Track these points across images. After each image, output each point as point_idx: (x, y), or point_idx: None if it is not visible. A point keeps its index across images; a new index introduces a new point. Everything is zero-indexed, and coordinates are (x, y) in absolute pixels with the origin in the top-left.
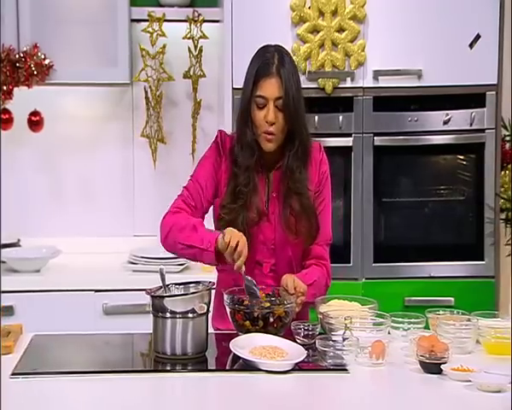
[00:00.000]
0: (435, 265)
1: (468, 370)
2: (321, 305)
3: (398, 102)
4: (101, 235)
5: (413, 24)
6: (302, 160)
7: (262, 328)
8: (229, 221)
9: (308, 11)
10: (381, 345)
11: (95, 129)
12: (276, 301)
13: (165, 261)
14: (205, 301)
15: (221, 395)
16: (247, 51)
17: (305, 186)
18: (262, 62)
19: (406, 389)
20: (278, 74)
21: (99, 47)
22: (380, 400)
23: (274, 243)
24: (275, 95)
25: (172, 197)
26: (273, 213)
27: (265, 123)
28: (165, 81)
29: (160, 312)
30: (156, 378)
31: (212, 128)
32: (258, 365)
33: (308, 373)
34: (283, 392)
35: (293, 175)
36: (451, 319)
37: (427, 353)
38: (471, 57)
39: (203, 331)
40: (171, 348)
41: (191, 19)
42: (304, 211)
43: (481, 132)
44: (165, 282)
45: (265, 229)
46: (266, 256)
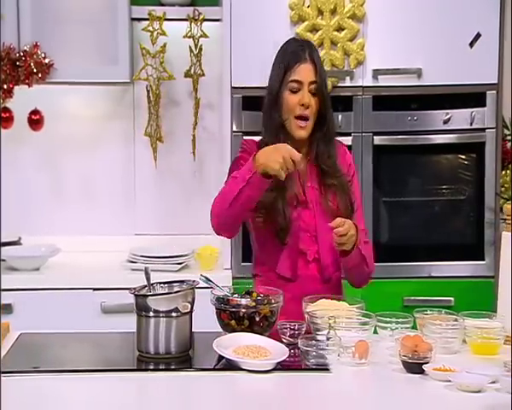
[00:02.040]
0: (435, 264)
1: (450, 370)
2: (308, 304)
3: (398, 102)
4: (102, 233)
5: (412, 23)
6: (331, 144)
7: (248, 327)
8: (268, 205)
9: (307, 10)
10: (365, 345)
11: (96, 128)
12: (262, 301)
13: (164, 260)
14: (188, 300)
15: (203, 395)
16: (246, 50)
17: (338, 166)
18: (294, 49)
19: (387, 388)
20: (311, 60)
21: (99, 46)
22: (360, 399)
23: (315, 230)
24: (309, 79)
25: (173, 196)
26: (311, 201)
27: (300, 107)
28: (165, 80)
29: (143, 311)
30: (139, 378)
31: (213, 127)
32: (241, 364)
33: (290, 373)
34: (265, 391)
35: (325, 157)
36: (438, 319)
37: (410, 353)
38: (471, 56)
39: (187, 330)
40: (154, 347)
41: (192, 18)
42: (342, 189)
43: (482, 132)
44: (151, 281)
45: (305, 216)
46: (309, 244)
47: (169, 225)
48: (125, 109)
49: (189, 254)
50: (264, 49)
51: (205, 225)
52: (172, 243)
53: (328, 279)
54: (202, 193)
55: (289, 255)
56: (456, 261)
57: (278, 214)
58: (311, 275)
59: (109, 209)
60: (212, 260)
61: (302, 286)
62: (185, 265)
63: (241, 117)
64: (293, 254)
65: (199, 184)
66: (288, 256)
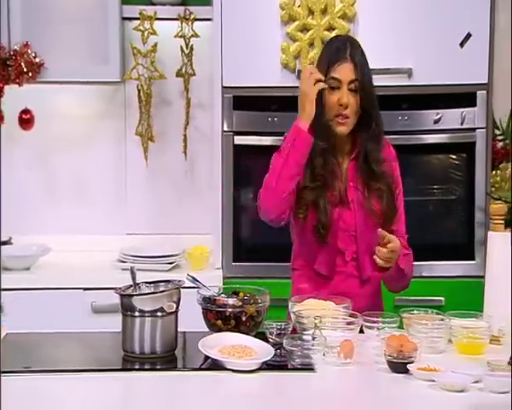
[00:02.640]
0: (426, 264)
1: (434, 369)
2: (295, 304)
3: (389, 101)
4: (94, 233)
5: (403, 23)
6: (378, 143)
7: (234, 327)
8: (310, 202)
9: (298, 10)
10: (350, 345)
11: (87, 127)
12: (249, 301)
13: (155, 260)
14: (174, 299)
15: (188, 394)
16: (237, 50)
17: (386, 169)
18: (335, 49)
19: (371, 388)
20: (351, 59)
21: (90, 45)
22: (344, 399)
23: (355, 230)
24: (349, 78)
25: (165, 195)
26: (352, 201)
27: (339, 106)
28: (156, 80)
29: (128, 310)
30: (124, 378)
31: (205, 126)
32: (226, 364)
33: (275, 372)
34: (250, 391)
35: (373, 157)
36: (425, 318)
37: (395, 352)
38: (462, 56)
39: (172, 330)
40: (139, 346)
41: (183, 17)
42: (387, 193)
43: (472, 132)
44: (136, 280)
45: (346, 216)
46: (348, 244)
47: (160, 225)
48: (117, 109)
49: (180, 253)
50: (254, 48)
51: (196, 225)
52: (164, 243)
53: (366, 279)
54: (194, 193)
55: (327, 253)
56: (447, 261)
57: (320, 213)
58: (349, 273)
59: (101, 209)
60: (203, 259)
61: (341, 284)
62: (176, 264)
63: (232, 117)
64: (331, 253)
65: (190, 184)
66: (327, 254)
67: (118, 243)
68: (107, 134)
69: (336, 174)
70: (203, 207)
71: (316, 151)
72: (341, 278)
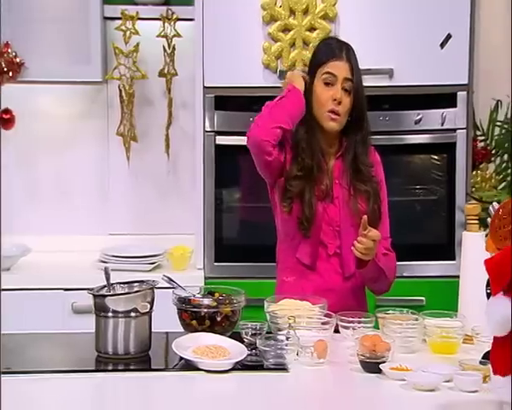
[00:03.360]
0: (407, 264)
1: (406, 369)
2: (270, 304)
3: (370, 102)
4: (76, 233)
5: (384, 23)
6: (367, 146)
7: (209, 327)
8: (295, 194)
9: (279, 10)
10: (323, 344)
11: (69, 127)
12: (224, 301)
13: (136, 260)
14: (148, 300)
15: (161, 395)
16: (219, 50)
17: (372, 170)
18: (331, 47)
19: (343, 388)
20: (348, 58)
21: (71, 45)
22: (316, 399)
23: (339, 226)
24: (344, 75)
25: (147, 196)
26: (337, 197)
27: (332, 101)
28: (138, 79)
29: (102, 311)
30: (98, 378)
31: (187, 126)
32: (198, 364)
33: (248, 372)
34: (222, 391)
35: (362, 159)
36: (399, 318)
37: (368, 352)
38: (442, 57)
39: (146, 330)
40: (113, 347)
41: (165, 17)
42: (373, 196)
43: (452, 132)
44: (110, 281)
45: (330, 211)
46: (331, 238)
47: (143, 225)
48: (99, 109)
49: (161, 254)
50: (236, 48)
51: (179, 225)
52: (146, 243)
53: (350, 276)
54: (176, 193)
55: (310, 244)
56: (428, 261)
57: (305, 205)
58: (332, 269)
59: (83, 209)
60: (184, 260)
61: (324, 280)
62: (158, 265)
63: (214, 117)
64: (314, 244)
65: (173, 184)
66: (309, 244)
67: (100, 243)
68: (90, 134)
69: (322, 169)
70: (186, 207)
71: (303, 145)
72: (324, 272)
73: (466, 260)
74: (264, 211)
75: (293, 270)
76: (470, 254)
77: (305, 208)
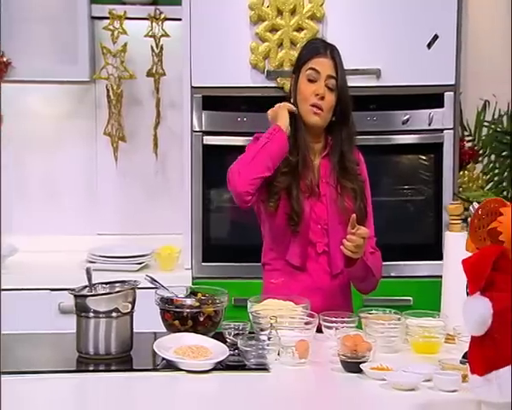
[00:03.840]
0: (395, 264)
1: (386, 369)
2: (253, 304)
3: (357, 102)
4: (64, 233)
5: (371, 24)
6: (352, 144)
7: (191, 327)
8: (282, 190)
9: (266, 10)
10: (305, 344)
11: (57, 127)
12: (206, 301)
13: (124, 260)
14: (129, 300)
15: (142, 395)
16: (206, 50)
17: (358, 169)
18: (316, 45)
19: (324, 388)
20: (332, 57)
21: (59, 44)
22: (296, 398)
23: (327, 224)
24: (327, 72)
25: (136, 196)
26: (324, 195)
27: (315, 96)
28: (126, 79)
29: (83, 311)
30: (79, 379)
31: (176, 126)
32: (179, 364)
33: (229, 373)
34: (203, 391)
35: (349, 157)
36: (382, 318)
37: (349, 352)
38: (429, 57)
39: (127, 331)
40: (94, 347)
41: (153, 17)
42: (359, 194)
43: (440, 132)
44: (92, 281)
45: (317, 209)
46: (319, 236)
47: (131, 225)
48: (87, 108)
49: (149, 254)
50: (224, 48)
51: (167, 225)
52: (135, 243)
53: (337, 274)
54: (164, 193)
55: (299, 244)
56: (416, 261)
57: (293, 200)
58: (320, 268)
59: (71, 209)
60: (172, 260)
61: (312, 279)
62: (145, 265)
63: (202, 117)
64: (303, 243)
65: (161, 184)
66: (298, 245)
67: (88, 243)
68: (78, 134)
69: (308, 165)
70: (174, 207)
71: (289, 142)
72: (313, 272)
73: (448, 260)
74: (252, 211)
75: (282, 272)
76: (452, 254)
77: (293, 203)
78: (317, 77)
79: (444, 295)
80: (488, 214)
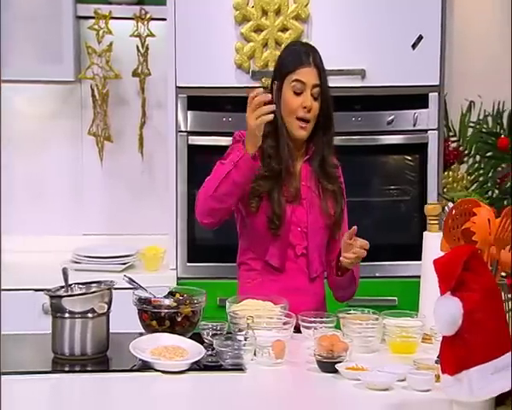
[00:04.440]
0: (379, 264)
1: (362, 369)
2: (232, 305)
3: (342, 102)
4: (50, 233)
5: (356, 24)
6: (332, 148)
7: (169, 328)
8: (264, 193)
9: (251, 10)
10: (281, 344)
11: (42, 127)
12: (184, 301)
13: (108, 260)
14: (105, 300)
15: (117, 396)
16: (191, 50)
17: (337, 171)
18: (298, 53)
19: (299, 388)
20: (315, 64)
21: (43, 44)
22: (271, 398)
23: (306, 227)
24: (313, 82)
25: (122, 196)
26: (305, 199)
27: (302, 109)
28: (111, 79)
29: (58, 312)
30: (54, 379)
31: (161, 126)
32: (155, 365)
33: (205, 373)
34: (178, 392)
35: (329, 161)
36: (360, 318)
37: (325, 352)
38: (414, 58)
39: (103, 331)
40: (69, 348)
41: (138, 17)
42: (339, 196)
43: (424, 133)
44: (68, 281)
45: (298, 212)
46: (299, 239)
47: (117, 225)
48: (73, 108)
49: (134, 254)
50: (209, 48)
51: (153, 225)
52: (121, 243)
53: (315, 277)
54: (150, 193)
55: (279, 246)
56: (400, 261)
57: (274, 203)
58: (299, 269)
59: (57, 209)
60: (157, 260)
61: (290, 279)
62: (130, 265)
63: (187, 117)
64: (283, 245)
65: (147, 184)
66: (278, 246)
67: (74, 243)
68: (63, 134)
69: (290, 172)
70: (160, 207)
71: (271, 152)
72: (291, 273)
73: (426, 260)
74: None
75: (259, 273)
76: (430, 254)
77: (274, 207)
78: (303, 88)
79: (422, 295)
80: (462, 215)
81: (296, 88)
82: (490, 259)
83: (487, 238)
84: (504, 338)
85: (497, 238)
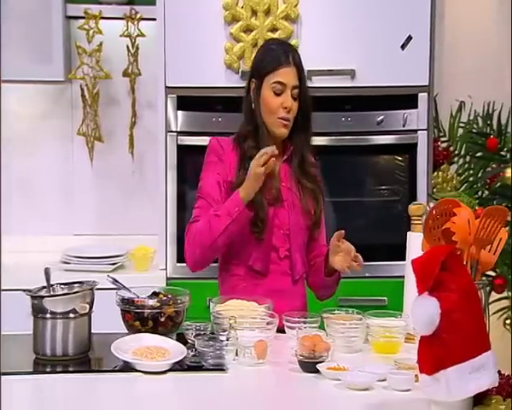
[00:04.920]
0: (370, 265)
1: (343, 369)
2: (216, 305)
3: (332, 102)
4: (41, 234)
5: (346, 24)
6: (310, 147)
7: (152, 328)
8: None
9: (241, 10)
10: (263, 345)
11: (32, 127)
12: (167, 301)
13: (98, 261)
14: (87, 300)
15: (98, 396)
16: (181, 50)
17: (316, 170)
18: (277, 53)
19: (280, 388)
20: (295, 64)
21: (33, 44)
22: (251, 399)
23: (288, 229)
24: (293, 82)
25: (112, 196)
26: (286, 200)
27: (282, 109)
28: (101, 79)
29: (39, 312)
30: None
31: (152, 127)
32: (136, 365)
33: (186, 373)
34: (159, 392)
35: (308, 160)
36: (343, 318)
37: (307, 352)
38: (403, 58)
39: (85, 332)
40: (51, 349)
41: (128, 16)
42: (318, 194)
43: (414, 133)
44: (50, 282)
45: (280, 214)
46: (281, 241)
47: (108, 226)
48: (63, 108)
49: (124, 254)
50: (198, 48)
51: (144, 225)
52: (110, 244)
53: (297, 279)
54: (141, 193)
55: (263, 250)
56: (390, 261)
57: (258, 207)
58: (282, 271)
59: (47, 209)
60: (147, 260)
61: (274, 282)
62: (120, 265)
63: (177, 117)
64: (266, 249)
65: (137, 184)
66: (262, 250)
67: (65, 243)
68: (53, 134)
69: (271, 173)
70: (150, 207)
71: (252, 153)
72: (275, 275)
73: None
74: None
75: (242, 278)
76: (414, 254)
77: (258, 211)
78: (283, 89)
79: (406, 294)
80: (442, 215)
81: (276, 89)
82: (470, 259)
83: (467, 238)
84: (481, 338)
85: (476, 238)
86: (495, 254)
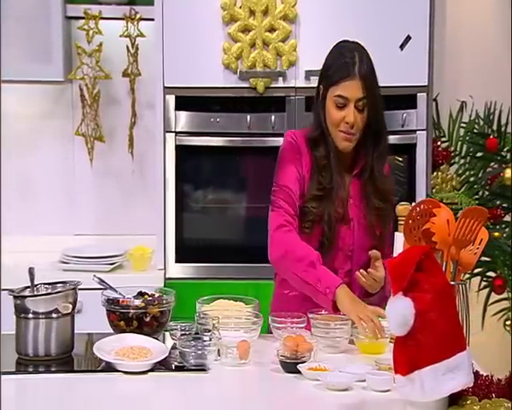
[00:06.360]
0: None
1: (323, 369)
2: (203, 305)
3: None
4: (42, 234)
5: (344, 24)
6: (384, 161)
7: (137, 328)
8: (316, 216)
9: (239, 10)
10: (245, 345)
11: (32, 127)
12: (152, 302)
13: (96, 260)
14: (70, 300)
15: (80, 396)
16: (179, 50)
17: (392, 189)
18: (343, 62)
19: (260, 388)
20: (360, 76)
21: (32, 44)
22: (230, 399)
23: (352, 250)
24: (356, 96)
25: (112, 196)
26: (353, 219)
27: (345, 124)
28: (101, 79)
29: (22, 312)
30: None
31: (152, 126)
32: (117, 366)
33: (168, 373)
34: (140, 392)
35: (380, 176)
36: (329, 319)
37: (289, 352)
38: (402, 59)
39: (68, 332)
40: (33, 349)
41: (128, 17)
42: (388, 214)
43: (412, 133)
44: (34, 281)
45: (345, 234)
46: (342, 262)
47: (108, 225)
48: (63, 108)
49: (122, 254)
50: (196, 49)
51: (143, 225)
52: (109, 244)
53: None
54: (141, 193)
55: None
56: None
57: (326, 226)
58: None
59: (48, 209)
60: (145, 260)
61: None
62: (118, 265)
63: (175, 117)
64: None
65: (137, 184)
66: None
67: (65, 243)
68: (54, 134)
69: (341, 190)
70: (150, 207)
71: (324, 162)
72: None
73: None
74: (225, 211)
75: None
76: None
77: (326, 230)
78: (346, 103)
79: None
80: (422, 215)
81: (338, 102)
82: (449, 259)
83: (447, 239)
84: (456, 338)
85: (456, 239)
86: (475, 255)
